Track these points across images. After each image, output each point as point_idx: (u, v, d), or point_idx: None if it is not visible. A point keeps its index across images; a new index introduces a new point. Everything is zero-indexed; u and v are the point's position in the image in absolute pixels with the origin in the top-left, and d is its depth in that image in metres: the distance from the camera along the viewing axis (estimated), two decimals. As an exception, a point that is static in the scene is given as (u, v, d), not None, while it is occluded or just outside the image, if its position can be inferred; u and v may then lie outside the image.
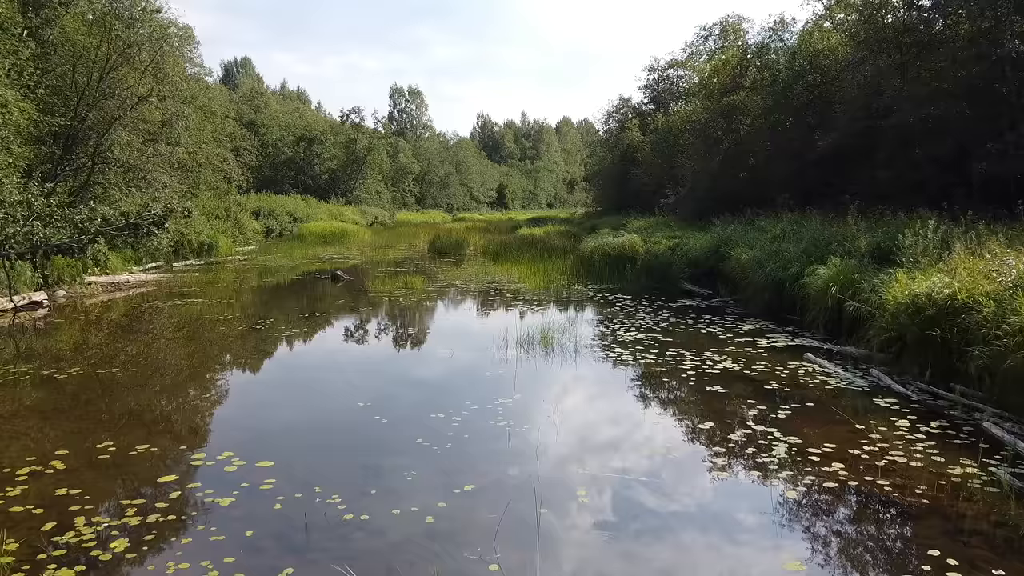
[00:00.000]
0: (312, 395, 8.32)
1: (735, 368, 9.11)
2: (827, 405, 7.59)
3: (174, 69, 21.08)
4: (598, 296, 15.81)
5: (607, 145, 48.67)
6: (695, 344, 10.56)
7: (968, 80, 16.43)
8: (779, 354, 9.94)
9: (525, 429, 6.69)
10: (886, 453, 6.13)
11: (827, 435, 6.63)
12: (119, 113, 18.78)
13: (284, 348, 10.93)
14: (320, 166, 58.76)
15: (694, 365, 9.24)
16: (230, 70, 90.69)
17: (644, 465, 5.91)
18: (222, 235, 26.80)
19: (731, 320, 12.67)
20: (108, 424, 7.01)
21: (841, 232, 13.40)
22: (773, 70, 25.30)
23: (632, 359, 9.71)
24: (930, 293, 8.68)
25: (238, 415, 7.60)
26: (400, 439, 6.45)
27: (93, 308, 14.85)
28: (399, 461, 5.89)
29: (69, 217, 12.84)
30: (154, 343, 11.45)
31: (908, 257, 10.64)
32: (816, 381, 8.50)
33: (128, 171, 19.12)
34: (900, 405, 7.51)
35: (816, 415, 7.27)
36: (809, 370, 9.02)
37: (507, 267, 21.67)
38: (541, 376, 9.01)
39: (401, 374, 9.50)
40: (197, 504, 5.09)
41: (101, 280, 17.48)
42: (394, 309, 15.02)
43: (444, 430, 6.61)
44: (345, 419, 7.21)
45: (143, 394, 8.21)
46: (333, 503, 5.03)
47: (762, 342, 10.68)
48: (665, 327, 11.99)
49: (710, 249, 16.82)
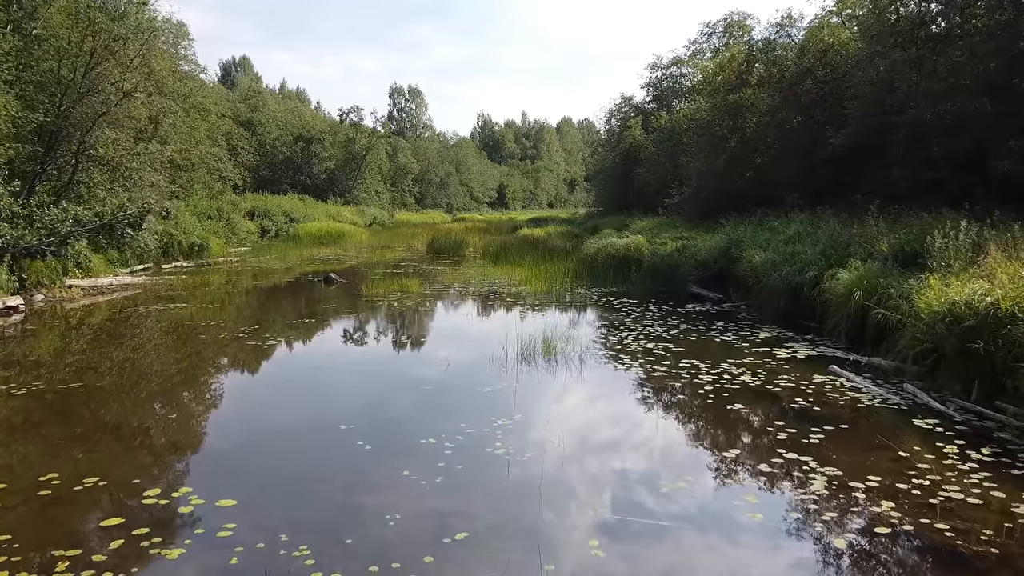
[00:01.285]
0: (290, 416, 7.47)
1: (756, 383, 8.34)
2: (863, 427, 6.83)
3: (161, 64, 20.30)
4: (602, 300, 15.04)
5: (609, 144, 47.83)
6: (710, 354, 9.79)
7: (987, 75, 15.69)
8: (802, 366, 9.17)
9: (527, 459, 5.91)
10: (939, 487, 5.37)
11: (868, 464, 5.87)
12: (103, 109, 17.99)
13: (265, 360, 10.14)
14: (318, 166, 57.92)
15: (711, 379, 8.47)
16: (228, 69, 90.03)
17: (666, 508, 5.13)
18: (214, 236, 26.00)
19: (745, 327, 11.91)
20: (59, 449, 6.24)
21: (860, 233, 12.62)
22: (781, 66, 24.52)
23: (643, 372, 8.94)
24: (969, 301, 7.91)
25: (205, 440, 6.79)
26: (384, 471, 5.67)
27: (73, 313, 14.09)
28: (382, 499, 5.12)
29: (38, 217, 12.02)
30: (126, 354, 10.69)
31: (939, 261, 9.86)
32: (846, 398, 7.73)
33: (113, 170, 18.32)
34: (943, 427, 6.75)
35: (852, 439, 6.50)
36: (836, 385, 8.25)
37: (507, 269, 20.89)
38: (544, 392, 8.24)
39: (390, 390, 8.67)
40: (141, 556, 4.32)
41: (83, 283, 16.70)
42: (387, 314, 14.25)
43: (435, 459, 5.83)
44: (324, 445, 6.42)
45: (103, 414, 7.44)
46: (300, 556, 4.25)
47: (781, 352, 9.91)
48: (676, 335, 11.22)
49: (720, 251, 16.03)
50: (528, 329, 11.40)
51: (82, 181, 18.96)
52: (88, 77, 18.44)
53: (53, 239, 12.21)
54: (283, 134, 55.40)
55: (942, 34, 17.87)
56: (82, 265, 16.58)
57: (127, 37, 18.15)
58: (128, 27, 18.08)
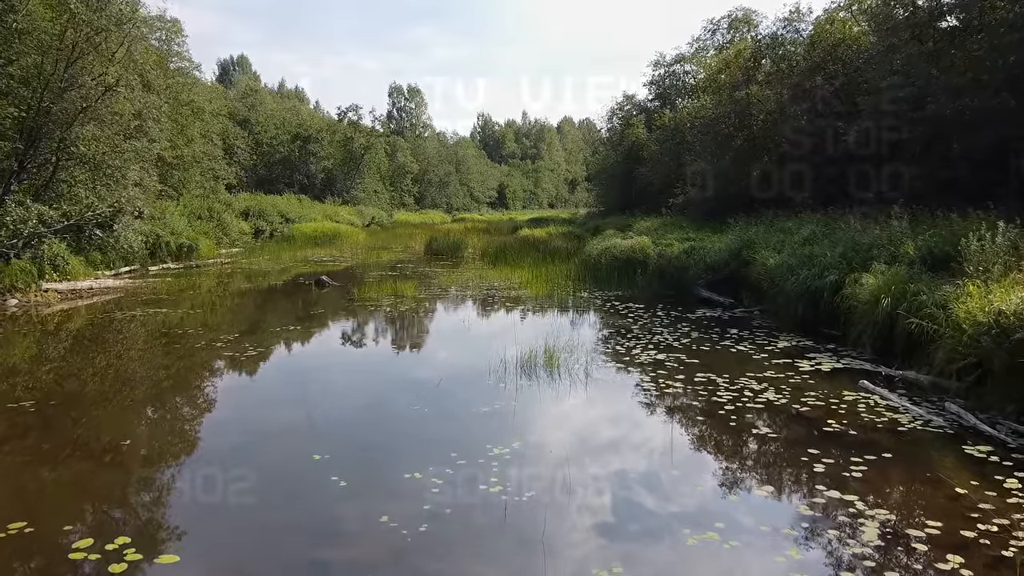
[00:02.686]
0: (257, 444, 6.56)
1: (781, 401, 7.52)
2: (908, 456, 6.02)
3: (145, 58, 19.46)
4: (607, 305, 14.23)
5: (610, 143, 47.02)
6: (726, 367, 8.97)
7: (1009, 69, 14.90)
8: (828, 381, 8.35)
9: (527, 500, 5.07)
10: (1010, 533, 4.56)
11: (922, 504, 5.06)
12: (84, 104, 17.17)
13: (237, 375, 9.29)
14: (316, 165, 57.04)
15: (731, 397, 7.65)
16: (227, 69, 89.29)
17: (694, 568, 4.31)
18: (204, 236, 25.14)
19: (761, 335, 11.09)
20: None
21: (885, 235, 11.80)
22: (790, 61, 23.72)
23: (655, 388, 8.12)
24: (1019, 311, 7.12)
25: (156, 476, 5.84)
26: (360, 515, 4.84)
27: (49, 319, 13.28)
28: (355, 554, 4.31)
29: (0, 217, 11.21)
30: (90, 367, 9.88)
31: (975, 265, 9.03)
32: (884, 420, 6.92)
33: (95, 168, 17.49)
34: (998, 455, 5.93)
35: (898, 471, 5.69)
36: (871, 403, 7.44)
37: (507, 271, 20.04)
38: (546, 412, 7.42)
39: (374, 413, 7.70)
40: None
41: (60, 287, 15.88)
42: (377, 322, 13.43)
43: (419, 500, 5.00)
44: (292, 481, 5.56)
45: (51, 438, 6.62)
46: (246, 638, 3.45)
47: (804, 364, 9.09)
48: (688, 344, 10.40)
49: (731, 253, 15.20)
50: (528, 337, 10.58)
51: (63, 180, 18.14)
52: (69, 71, 17.63)
53: (16, 240, 11.37)
54: (280, 133, 54.57)
55: (960, 27, 17.10)
56: (59, 267, 15.75)
57: (109, 29, 17.31)
58: (110, 18, 17.24)
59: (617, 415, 7.43)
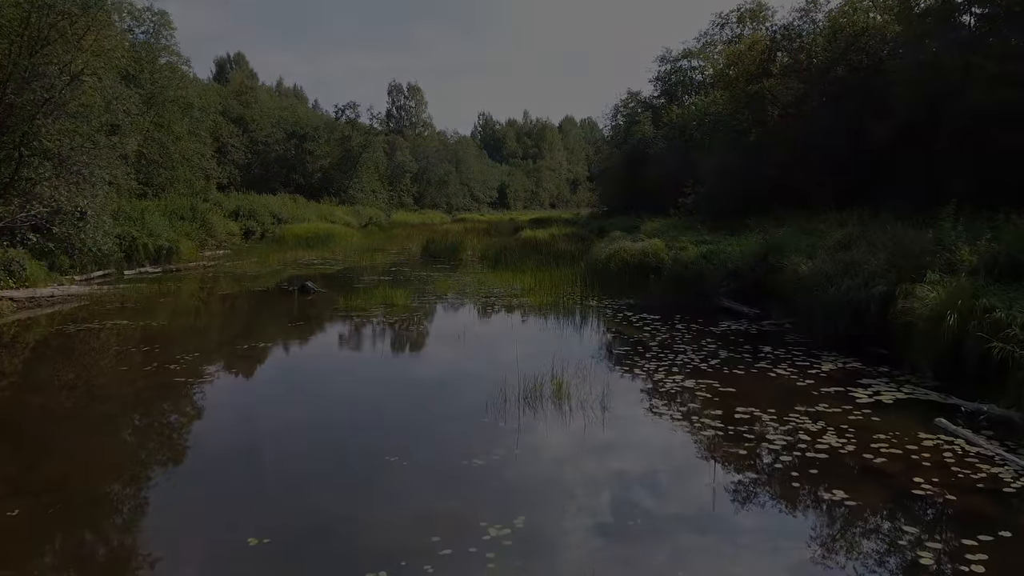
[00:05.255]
0: (171, 527, 4.98)
1: (847, 448, 6.07)
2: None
3: (112, 43, 18.00)
4: (619, 316, 12.79)
5: (614, 142, 45.58)
6: (769, 397, 7.53)
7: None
8: (896, 417, 6.91)
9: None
10: None
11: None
12: (47, 95, 15.73)
13: (187, 409, 7.84)
14: (312, 164, 55.53)
15: (784, 443, 6.20)
16: (224, 66, 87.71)
17: None
18: (185, 237, 23.66)
19: (800, 354, 9.65)
20: None
21: (942, 238, 10.34)
22: (808, 53, 22.28)
23: (689, 429, 6.67)
24: None
25: (76, 539, 4.54)
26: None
27: (5, 330, 11.91)
28: None
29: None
30: (25, 392, 8.45)
31: (1063, 276, 7.60)
32: (981, 475, 5.48)
33: (60, 164, 16.06)
34: None
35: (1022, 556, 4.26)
36: (956, 451, 6.00)
37: (508, 276, 18.50)
38: (557, 467, 5.95)
39: (338, 474, 5.84)
40: None
41: (17, 294, 14.44)
42: (361, 337, 11.98)
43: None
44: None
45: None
46: None
47: (860, 395, 7.64)
48: (717, 365, 8.96)
49: (755, 258, 13.73)
50: (532, 355, 9.11)
51: (28, 177, 16.68)
52: (33, 60, 16.20)
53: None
54: (276, 131, 53.11)
55: (1001, 12, 15.70)
56: (15, 274, 14.31)
57: (74, 14, 15.88)
58: (75, 2, 15.80)
59: (647, 471, 5.93)
